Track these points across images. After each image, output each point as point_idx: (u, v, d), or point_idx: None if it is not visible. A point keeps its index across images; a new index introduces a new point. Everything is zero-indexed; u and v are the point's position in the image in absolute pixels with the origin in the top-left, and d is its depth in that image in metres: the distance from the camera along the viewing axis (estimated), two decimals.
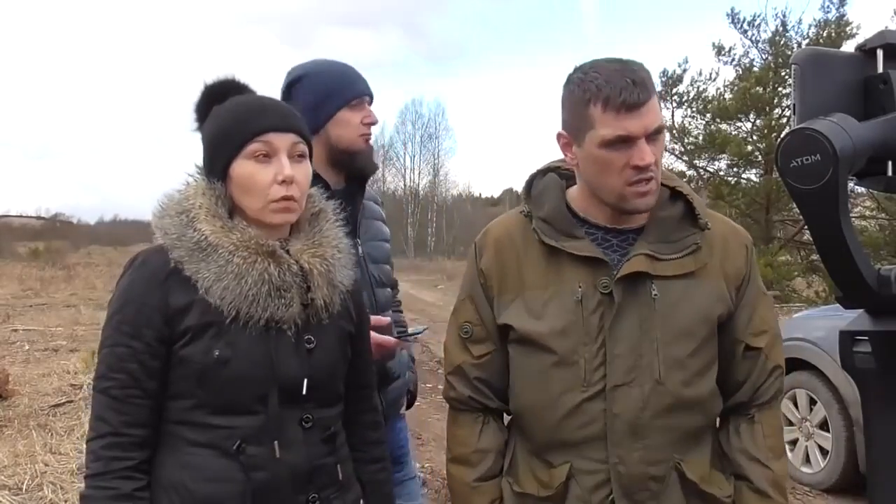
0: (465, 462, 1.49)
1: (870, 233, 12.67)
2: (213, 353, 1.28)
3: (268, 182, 1.32)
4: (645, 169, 1.30)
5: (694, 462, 1.39)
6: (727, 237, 1.43)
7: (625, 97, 1.27)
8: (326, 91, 1.87)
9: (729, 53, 16.23)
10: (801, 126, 0.59)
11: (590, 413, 1.35)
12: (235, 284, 1.29)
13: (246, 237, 1.32)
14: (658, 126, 1.31)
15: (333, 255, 1.42)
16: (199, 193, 1.35)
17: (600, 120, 1.30)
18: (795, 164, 0.59)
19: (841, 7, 15.04)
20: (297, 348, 1.35)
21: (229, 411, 1.30)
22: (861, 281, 0.62)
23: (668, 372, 1.35)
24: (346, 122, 1.88)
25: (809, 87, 0.64)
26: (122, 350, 1.29)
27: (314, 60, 1.96)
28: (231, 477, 1.29)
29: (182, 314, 1.29)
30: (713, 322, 1.38)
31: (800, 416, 4.47)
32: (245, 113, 1.37)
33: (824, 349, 4.17)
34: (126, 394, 1.28)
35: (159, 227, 1.35)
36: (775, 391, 1.44)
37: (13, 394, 6.21)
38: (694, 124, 16.98)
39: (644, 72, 1.32)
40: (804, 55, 0.64)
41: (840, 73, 0.65)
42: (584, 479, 1.37)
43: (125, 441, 1.27)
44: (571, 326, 1.37)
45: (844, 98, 0.64)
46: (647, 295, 1.35)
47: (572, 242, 1.39)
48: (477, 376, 1.48)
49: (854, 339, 0.66)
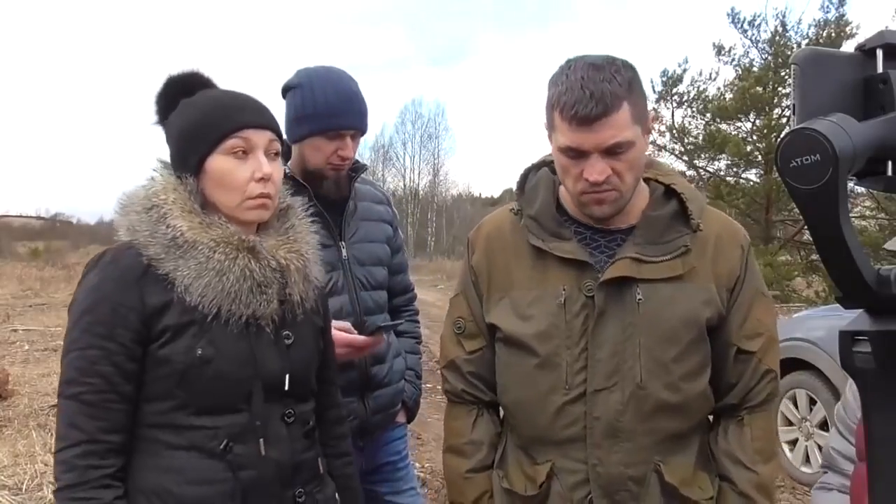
0: (458, 452, 1.51)
1: (870, 233, 12.66)
2: (195, 352, 1.25)
3: (245, 179, 1.30)
4: (596, 184, 1.27)
5: (676, 464, 1.37)
6: (721, 237, 1.39)
7: (577, 110, 1.22)
8: (307, 113, 1.83)
9: (729, 53, 16.23)
10: (801, 126, 0.59)
11: (571, 415, 1.36)
12: (217, 281, 1.26)
13: (226, 233, 1.30)
14: (617, 142, 1.24)
15: (307, 250, 1.41)
16: (168, 189, 1.31)
17: (558, 126, 1.28)
18: (795, 164, 0.59)
19: (840, 7, 15.04)
20: (277, 344, 1.34)
21: (213, 411, 1.27)
22: (861, 281, 0.62)
23: (650, 376, 1.33)
24: (317, 148, 1.85)
25: (809, 87, 0.63)
26: (94, 353, 1.23)
27: (320, 72, 1.89)
28: (219, 478, 1.26)
29: (160, 313, 1.25)
30: (700, 326, 1.35)
31: (800, 416, 4.47)
32: (222, 108, 1.34)
33: (824, 349, 4.17)
34: (101, 398, 1.22)
35: (125, 224, 1.31)
36: (767, 395, 1.41)
37: (13, 394, 6.21)
38: (694, 124, 16.99)
39: (614, 83, 1.23)
40: (804, 55, 0.64)
41: (840, 73, 0.65)
42: (565, 477, 1.38)
43: (101, 448, 1.22)
44: (554, 329, 1.36)
45: (844, 98, 0.64)
46: (631, 299, 1.33)
47: (559, 243, 1.37)
48: (470, 370, 1.50)
49: (854, 339, 0.66)
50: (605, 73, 1.24)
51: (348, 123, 1.85)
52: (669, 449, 1.37)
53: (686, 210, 1.37)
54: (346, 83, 1.88)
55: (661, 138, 17.31)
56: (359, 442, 1.96)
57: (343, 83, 1.87)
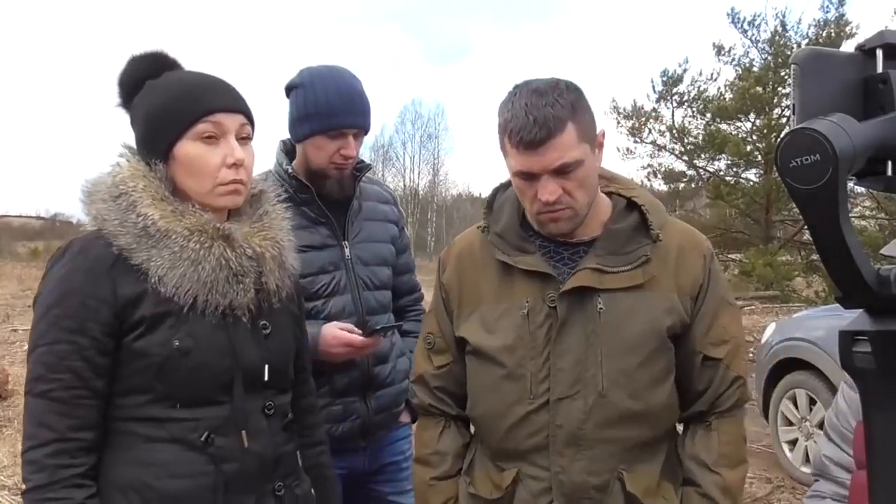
0: (425, 462, 1.55)
1: (869, 233, 12.67)
2: (172, 343, 1.21)
3: (217, 165, 1.27)
4: (549, 203, 1.31)
5: (640, 473, 1.38)
6: (683, 247, 1.42)
7: (522, 136, 1.28)
8: (309, 112, 1.83)
9: (729, 53, 16.24)
10: (801, 126, 0.59)
11: (535, 424, 1.38)
12: (192, 271, 1.23)
13: (200, 221, 1.26)
14: (564, 164, 1.29)
15: (282, 237, 1.38)
16: (137, 176, 1.26)
17: (509, 151, 1.33)
18: (795, 164, 0.59)
19: (840, 7, 15.06)
20: (255, 334, 1.32)
21: (192, 403, 1.24)
22: (861, 281, 0.61)
23: (612, 385, 1.35)
24: (320, 147, 1.86)
25: (809, 86, 0.63)
26: (63, 347, 1.18)
27: (323, 71, 1.89)
28: (201, 470, 1.23)
29: (133, 305, 1.21)
30: (661, 334, 1.37)
31: (800, 416, 4.47)
32: (192, 90, 1.29)
33: (824, 349, 4.17)
34: (72, 395, 1.18)
35: (92, 213, 1.26)
36: (736, 400, 1.42)
37: (13, 394, 6.21)
38: (694, 124, 17.00)
39: (556, 107, 1.27)
40: (803, 55, 0.64)
41: (839, 73, 0.65)
42: (530, 484, 1.40)
43: (72, 447, 1.18)
44: (519, 341, 1.39)
45: (844, 98, 0.64)
46: (592, 308, 1.36)
47: (523, 257, 1.40)
48: (437, 385, 1.54)
49: (854, 339, 0.66)
50: (547, 97, 1.29)
51: (351, 122, 1.85)
52: (634, 458, 1.38)
53: (647, 222, 1.40)
54: (348, 82, 1.88)
55: (661, 138, 17.32)
56: (361, 442, 1.96)
57: (345, 82, 1.87)
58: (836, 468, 1.47)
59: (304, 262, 1.86)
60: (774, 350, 4.63)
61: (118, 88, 1.33)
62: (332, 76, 1.87)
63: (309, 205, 1.91)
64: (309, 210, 1.91)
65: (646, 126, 17.22)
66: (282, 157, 1.95)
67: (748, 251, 15.19)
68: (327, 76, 1.87)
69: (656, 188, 19.27)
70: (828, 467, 1.48)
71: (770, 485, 4.45)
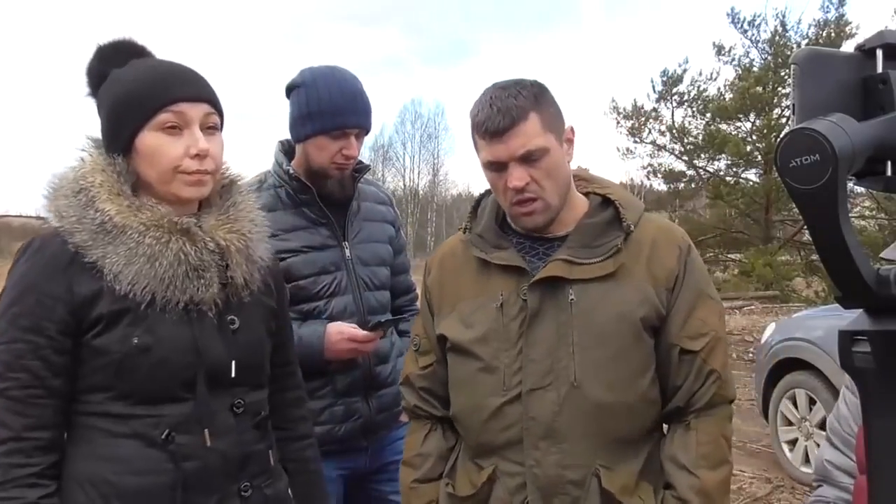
0: (408, 464, 1.55)
1: (869, 233, 12.69)
2: (131, 340, 1.19)
3: (178, 156, 1.23)
4: (519, 191, 1.35)
5: (618, 471, 1.36)
6: (657, 239, 1.42)
7: (487, 125, 1.34)
8: (311, 112, 1.83)
9: (729, 53, 16.28)
10: (801, 126, 0.59)
11: (509, 417, 1.38)
12: (149, 268, 1.20)
13: (157, 215, 1.22)
14: (528, 151, 1.33)
15: (250, 229, 1.35)
16: (97, 170, 1.24)
17: (479, 145, 1.39)
18: (794, 164, 0.59)
19: (840, 7, 15.09)
20: (221, 330, 1.28)
21: (154, 400, 1.22)
22: (860, 281, 0.61)
23: (586, 375, 1.34)
24: (321, 147, 1.86)
25: (808, 86, 0.63)
26: (20, 346, 1.17)
27: (324, 71, 1.89)
28: (160, 468, 1.21)
29: (90, 303, 1.19)
30: (635, 324, 1.36)
31: (799, 416, 4.47)
32: (153, 80, 1.25)
33: (824, 349, 4.17)
34: (27, 394, 1.17)
35: (53, 209, 1.24)
36: (713, 396, 1.39)
37: None
38: (694, 124, 17.03)
39: (519, 98, 1.34)
40: (803, 55, 0.64)
41: (839, 73, 0.65)
42: (506, 480, 1.40)
43: (28, 446, 1.16)
44: (492, 333, 1.41)
45: (844, 98, 0.64)
46: (564, 299, 1.37)
47: (498, 253, 1.44)
48: (422, 386, 1.55)
49: (853, 339, 0.66)
50: (510, 90, 1.36)
51: (352, 122, 1.86)
52: (614, 454, 1.37)
53: (620, 215, 1.42)
54: (349, 82, 1.88)
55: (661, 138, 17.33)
56: (363, 441, 1.96)
57: (347, 82, 1.88)
58: (838, 473, 1.46)
59: (305, 263, 1.87)
60: (774, 350, 4.63)
61: (86, 78, 1.31)
62: (333, 76, 1.88)
63: (309, 205, 1.91)
64: (309, 210, 1.91)
65: (646, 126, 17.26)
66: (281, 158, 1.95)
67: (748, 251, 15.22)
68: (329, 76, 1.87)
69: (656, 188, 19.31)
70: (830, 472, 1.47)
71: (770, 485, 4.45)
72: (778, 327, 4.89)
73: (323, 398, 1.88)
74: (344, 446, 1.91)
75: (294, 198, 1.90)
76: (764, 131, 15.55)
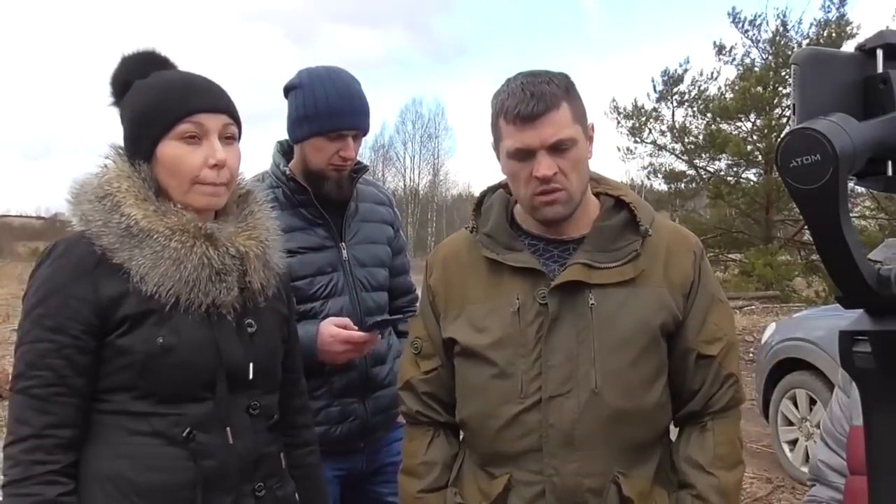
0: (412, 473, 1.51)
1: (870, 233, 12.67)
2: (156, 340, 1.22)
3: (197, 165, 1.27)
4: (545, 180, 1.31)
5: (635, 477, 1.35)
6: (672, 244, 1.41)
7: (520, 109, 1.30)
8: (308, 113, 1.83)
9: (730, 53, 16.25)
10: (801, 126, 0.59)
11: (527, 424, 1.35)
12: (174, 270, 1.24)
13: (182, 220, 1.27)
14: (559, 140, 1.30)
15: (267, 237, 1.38)
16: (122, 177, 1.28)
17: (505, 132, 1.34)
18: (795, 163, 0.59)
19: (841, 7, 15.07)
20: (239, 333, 1.32)
21: (176, 399, 1.25)
22: (861, 281, 0.61)
23: (606, 382, 1.33)
24: (319, 148, 1.85)
25: (809, 86, 0.63)
26: (44, 346, 1.20)
27: (322, 72, 1.88)
28: (180, 465, 1.24)
29: (116, 304, 1.22)
30: (654, 331, 1.36)
31: (800, 415, 4.47)
32: (174, 91, 1.30)
33: (824, 349, 4.17)
34: (49, 392, 1.19)
35: (78, 214, 1.27)
36: (729, 399, 1.40)
37: None
38: (694, 124, 17.01)
39: (552, 84, 1.31)
40: (804, 55, 0.64)
41: (840, 73, 0.65)
42: (522, 490, 1.36)
43: (48, 443, 1.19)
44: (508, 338, 1.37)
45: (844, 98, 0.64)
46: (583, 303, 1.34)
47: (513, 254, 1.39)
48: (425, 391, 1.50)
49: (854, 339, 0.66)
50: (542, 77, 1.33)
51: (350, 124, 1.85)
52: (631, 460, 1.36)
53: (636, 219, 1.39)
54: (347, 83, 1.87)
55: (661, 138, 17.32)
56: (359, 443, 1.95)
57: (344, 83, 1.87)
58: (831, 473, 1.46)
59: (302, 264, 1.86)
60: (774, 350, 4.63)
61: (110, 87, 1.35)
62: (331, 77, 1.87)
63: (306, 206, 1.91)
64: (306, 211, 1.91)
65: (646, 126, 17.23)
66: (279, 159, 1.95)
67: (748, 251, 15.20)
68: (326, 77, 1.86)
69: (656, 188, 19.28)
70: (823, 472, 1.48)
71: (770, 485, 4.45)
72: (778, 327, 4.88)
73: (319, 399, 1.87)
74: (340, 448, 1.90)
75: (291, 198, 1.90)
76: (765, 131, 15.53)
